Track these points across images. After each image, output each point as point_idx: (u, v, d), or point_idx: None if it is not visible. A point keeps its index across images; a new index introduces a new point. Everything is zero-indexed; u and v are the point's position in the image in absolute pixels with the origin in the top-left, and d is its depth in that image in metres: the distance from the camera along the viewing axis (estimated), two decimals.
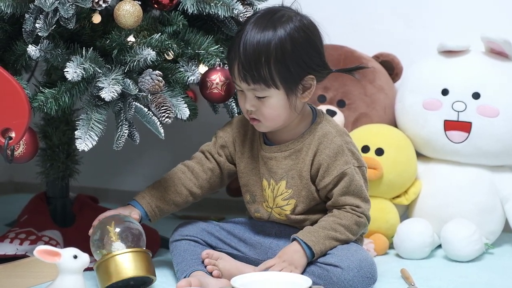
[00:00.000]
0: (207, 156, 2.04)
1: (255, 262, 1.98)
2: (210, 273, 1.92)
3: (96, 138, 1.81)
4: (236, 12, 2.01)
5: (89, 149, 1.80)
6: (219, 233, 2.04)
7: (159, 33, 1.93)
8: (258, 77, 1.85)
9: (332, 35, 2.61)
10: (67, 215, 2.30)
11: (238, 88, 1.91)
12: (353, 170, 1.91)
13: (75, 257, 1.70)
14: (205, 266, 1.94)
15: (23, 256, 2.02)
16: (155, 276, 1.89)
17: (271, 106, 1.89)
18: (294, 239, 1.89)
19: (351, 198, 1.91)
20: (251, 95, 1.89)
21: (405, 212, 2.42)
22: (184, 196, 2.02)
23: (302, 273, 1.85)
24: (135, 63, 1.86)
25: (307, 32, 1.90)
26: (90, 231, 1.90)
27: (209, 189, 2.05)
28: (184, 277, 1.90)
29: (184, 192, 2.02)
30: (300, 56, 1.87)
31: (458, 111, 2.33)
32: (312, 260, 1.87)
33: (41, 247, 1.69)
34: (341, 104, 2.44)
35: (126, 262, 1.84)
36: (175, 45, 1.95)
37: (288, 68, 1.86)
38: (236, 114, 2.08)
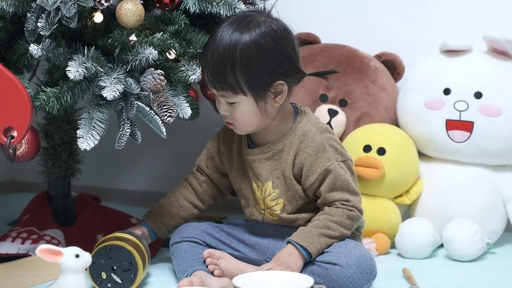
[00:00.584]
0: (199, 170, 2.09)
1: (255, 262, 1.99)
2: (212, 273, 1.92)
3: (98, 137, 1.81)
4: (237, 12, 2.01)
5: (91, 148, 1.80)
6: (218, 234, 2.04)
7: (161, 32, 1.93)
8: (224, 84, 1.85)
9: (334, 34, 2.63)
10: (68, 214, 2.30)
11: (215, 93, 1.92)
12: (336, 165, 1.90)
13: (77, 256, 1.70)
14: (207, 266, 1.94)
15: (25, 255, 2.02)
16: (142, 262, 1.89)
17: (242, 112, 1.89)
18: (288, 242, 1.89)
19: (339, 193, 1.90)
20: (223, 101, 1.90)
21: (407, 212, 2.42)
22: (187, 209, 2.07)
23: (302, 272, 1.85)
24: (137, 62, 1.86)
25: (274, 38, 1.86)
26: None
27: (211, 199, 2.10)
28: (186, 277, 1.90)
29: (187, 206, 2.07)
30: (267, 63, 1.86)
31: (460, 111, 2.33)
32: (310, 259, 1.87)
33: (43, 246, 1.69)
34: (343, 103, 2.44)
35: (111, 239, 1.90)
36: (177, 44, 1.95)
37: (254, 75, 1.85)
38: None
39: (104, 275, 1.87)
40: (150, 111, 1.86)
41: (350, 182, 1.92)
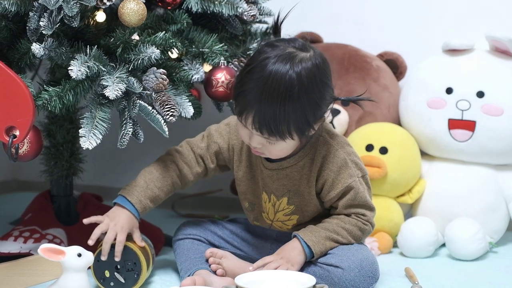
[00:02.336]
0: (198, 161, 1.98)
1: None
2: (214, 272, 1.92)
3: (100, 137, 1.81)
4: (240, 11, 2.01)
5: (93, 147, 1.80)
6: (222, 232, 2.04)
7: (163, 32, 1.92)
8: (275, 131, 1.75)
9: (337, 34, 2.63)
10: (71, 214, 2.30)
11: (244, 126, 1.80)
12: (357, 182, 1.88)
13: (79, 255, 1.70)
14: (210, 265, 1.94)
15: (27, 254, 2.02)
16: (146, 263, 1.89)
17: (281, 148, 1.82)
18: (295, 236, 1.89)
19: (357, 209, 1.90)
20: (261, 138, 1.80)
21: (409, 211, 2.42)
22: (168, 192, 1.96)
23: (303, 272, 1.85)
24: (139, 61, 1.86)
25: (321, 72, 1.77)
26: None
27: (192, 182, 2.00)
28: (188, 276, 1.90)
29: (170, 189, 1.96)
30: (317, 108, 1.77)
31: (462, 110, 2.33)
32: (311, 259, 1.87)
33: (45, 245, 1.69)
34: (345, 102, 2.44)
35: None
36: (179, 44, 1.94)
37: (307, 122, 1.77)
38: None
39: (107, 274, 1.87)
40: (153, 110, 1.86)
41: (368, 198, 1.91)
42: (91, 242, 1.84)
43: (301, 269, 1.86)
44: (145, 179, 1.92)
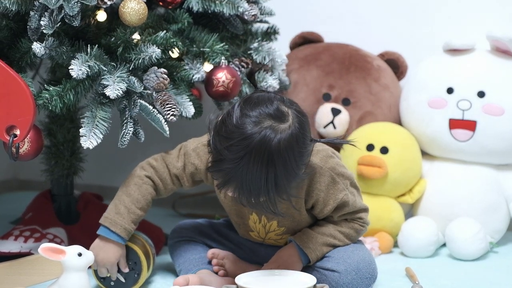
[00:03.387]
0: (173, 180, 1.92)
1: (256, 263, 1.97)
2: (216, 272, 1.92)
3: (101, 136, 1.81)
4: (241, 10, 2.01)
5: (93, 146, 1.80)
6: (217, 234, 2.02)
7: (164, 31, 1.92)
8: (255, 200, 1.70)
9: (338, 33, 2.63)
10: (71, 213, 2.30)
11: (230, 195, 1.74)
12: (348, 194, 1.85)
13: (80, 254, 1.70)
14: (211, 266, 1.93)
15: (28, 254, 2.02)
16: (147, 263, 1.89)
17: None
18: (291, 241, 1.88)
19: (352, 215, 1.88)
20: None
21: (410, 211, 2.41)
22: (148, 208, 1.92)
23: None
24: (140, 61, 1.86)
25: (300, 151, 1.69)
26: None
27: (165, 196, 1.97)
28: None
29: (149, 205, 1.92)
30: (296, 174, 1.70)
31: (463, 110, 2.33)
32: (307, 265, 1.86)
33: (45, 245, 1.69)
34: (346, 102, 2.44)
35: None
36: (180, 43, 1.94)
37: (288, 185, 1.70)
38: None
39: (107, 274, 1.87)
40: (153, 109, 1.86)
41: (360, 203, 1.88)
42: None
43: None
44: (125, 204, 1.87)
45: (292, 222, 1.90)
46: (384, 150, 2.31)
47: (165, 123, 1.86)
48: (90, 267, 1.84)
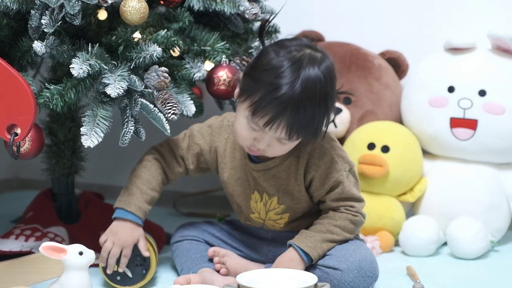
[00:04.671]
0: (178, 161, 1.98)
1: (257, 261, 1.98)
2: (217, 271, 1.92)
3: (102, 135, 1.81)
4: (242, 9, 2.02)
5: (94, 145, 1.80)
6: (220, 233, 2.03)
7: (165, 30, 1.93)
8: (305, 134, 1.77)
9: (338, 32, 2.63)
10: (72, 212, 2.30)
11: (257, 129, 1.77)
12: (344, 176, 1.87)
13: (81, 253, 1.70)
14: (213, 264, 1.93)
15: (29, 253, 2.02)
16: (155, 261, 1.90)
17: (288, 147, 1.81)
18: (290, 245, 1.87)
19: (345, 202, 1.89)
20: (274, 140, 1.78)
21: (411, 210, 2.41)
22: (160, 190, 1.96)
23: None
24: (141, 60, 1.86)
25: (333, 72, 1.79)
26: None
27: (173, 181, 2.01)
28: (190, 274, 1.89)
29: (161, 187, 1.96)
30: (333, 100, 1.81)
31: (464, 109, 2.32)
32: (310, 264, 1.86)
33: (46, 244, 1.69)
34: (347, 101, 2.44)
35: None
36: (181, 42, 1.94)
37: (328, 119, 1.81)
38: None
39: (115, 267, 1.87)
40: (154, 108, 1.86)
41: (355, 191, 1.90)
42: (108, 271, 1.87)
43: None
44: (136, 185, 1.91)
45: (291, 200, 1.91)
46: (385, 149, 2.31)
47: (166, 122, 1.86)
48: (97, 264, 1.85)
